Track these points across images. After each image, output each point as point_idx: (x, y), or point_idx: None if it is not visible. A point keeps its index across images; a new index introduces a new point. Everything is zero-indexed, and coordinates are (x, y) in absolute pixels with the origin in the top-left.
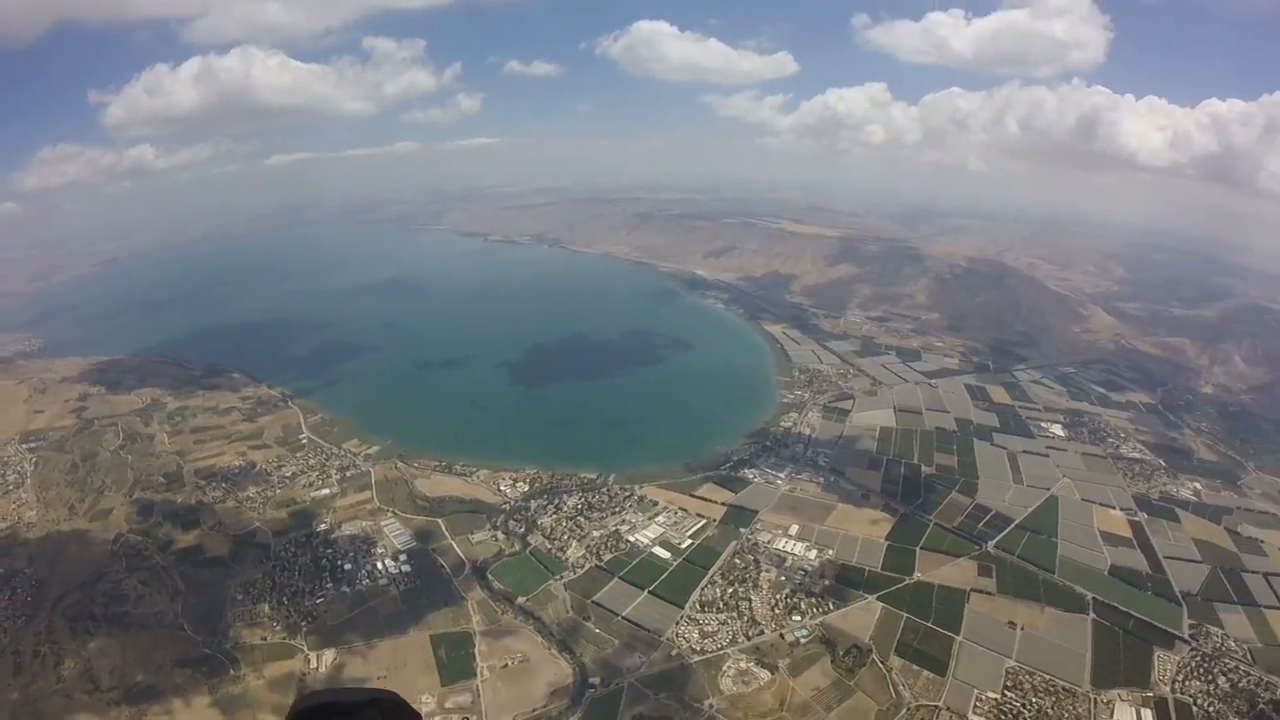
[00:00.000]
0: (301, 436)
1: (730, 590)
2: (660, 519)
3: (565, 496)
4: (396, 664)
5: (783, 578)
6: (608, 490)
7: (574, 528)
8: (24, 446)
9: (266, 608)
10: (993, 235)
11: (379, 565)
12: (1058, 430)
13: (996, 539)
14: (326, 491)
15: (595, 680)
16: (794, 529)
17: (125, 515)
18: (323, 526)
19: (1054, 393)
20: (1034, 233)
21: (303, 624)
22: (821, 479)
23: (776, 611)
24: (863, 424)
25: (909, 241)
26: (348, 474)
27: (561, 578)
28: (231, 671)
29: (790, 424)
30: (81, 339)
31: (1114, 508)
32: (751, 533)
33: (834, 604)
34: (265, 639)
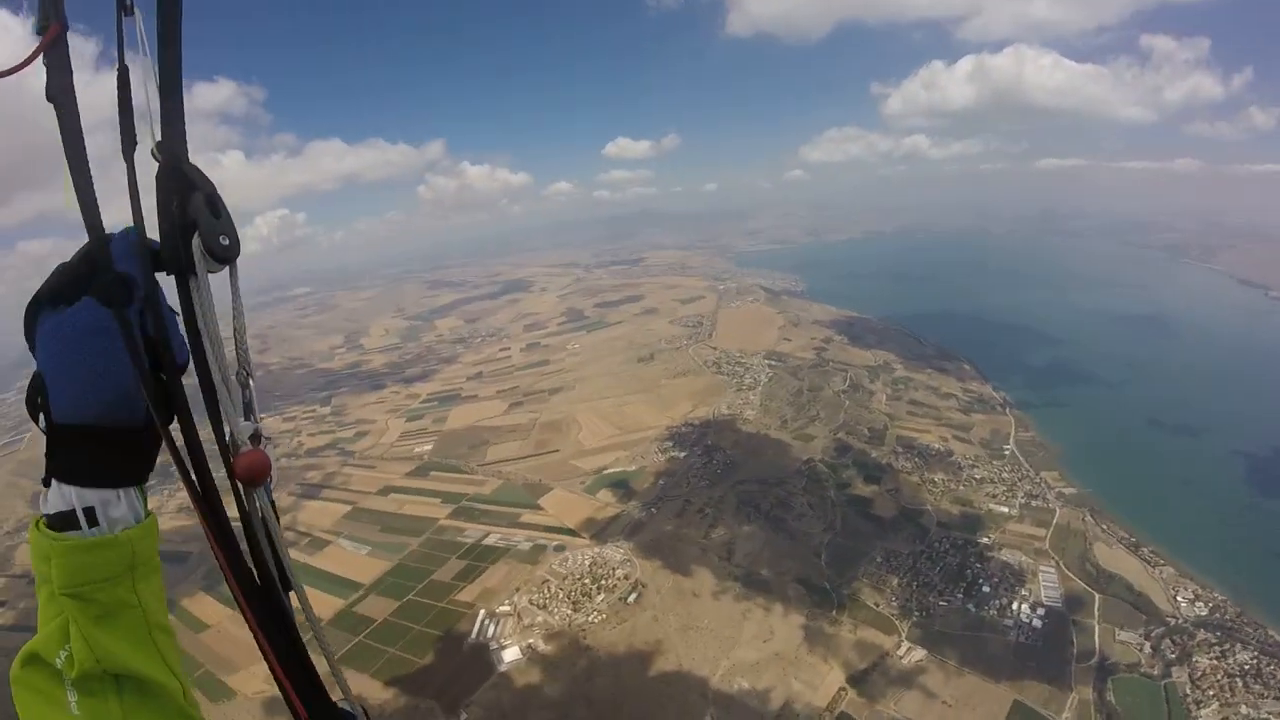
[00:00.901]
0: (1005, 447)
1: None
2: None
3: (1239, 646)
4: (968, 701)
5: None
6: None
7: (1227, 687)
8: (766, 361)
9: (895, 581)
10: None
11: (1014, 605)
12: None
13: None
14: (1005, 510)
15: None
16: None
17: (823, 447)
18: (985, 540)
19: None
20: None
21: (915, 614)
22: None
23: None
24: None
25: None
26: (1032, 503)
27: None
28: (833, 612)
29: None
30: (835, 291)
31: None
32: None
33: None
34: (876, 605)
